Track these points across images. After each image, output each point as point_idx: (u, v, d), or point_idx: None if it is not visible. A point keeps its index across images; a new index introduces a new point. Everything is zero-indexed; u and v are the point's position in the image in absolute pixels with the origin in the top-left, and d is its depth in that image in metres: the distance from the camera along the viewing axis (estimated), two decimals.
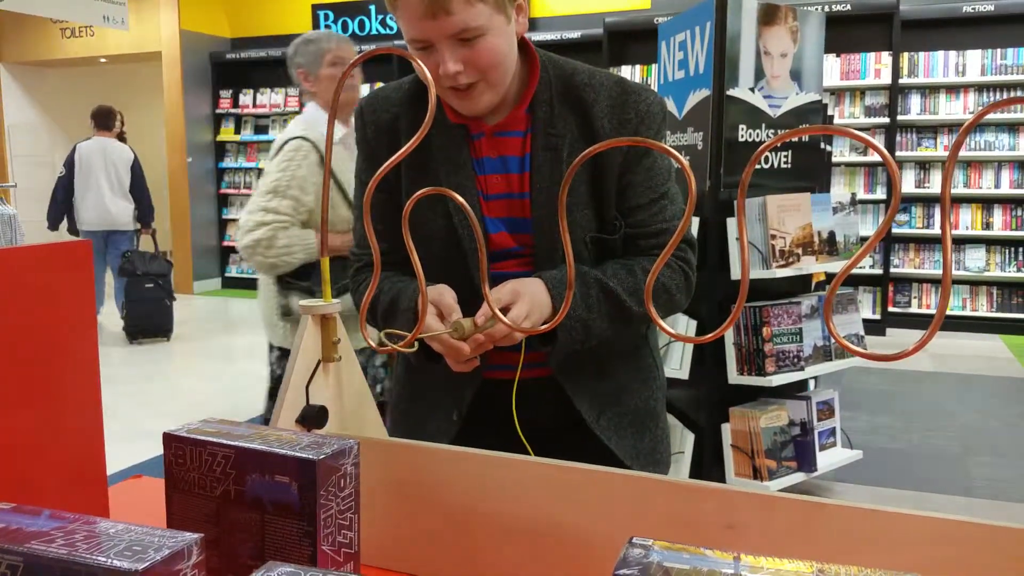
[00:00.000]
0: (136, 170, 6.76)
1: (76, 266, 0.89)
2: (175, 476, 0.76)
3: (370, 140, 1.34)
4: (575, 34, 7.58)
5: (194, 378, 5.93)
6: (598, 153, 1.27)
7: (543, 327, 0.96)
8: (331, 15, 8.71)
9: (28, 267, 0.85)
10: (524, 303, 1.15)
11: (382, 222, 1.31)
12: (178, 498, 0.76)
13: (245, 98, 9.22)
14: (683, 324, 3.01)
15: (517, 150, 1.28)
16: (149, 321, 6.71)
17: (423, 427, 1.37)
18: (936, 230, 6.81)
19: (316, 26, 8.73)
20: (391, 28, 8.45)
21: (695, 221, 2.94)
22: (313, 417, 0.96)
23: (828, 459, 3.05)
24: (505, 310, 1.14)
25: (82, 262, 0.89)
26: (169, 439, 0.76)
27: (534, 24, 7.98)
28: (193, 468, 0.75)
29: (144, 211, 6.81)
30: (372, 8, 8.53)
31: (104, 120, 6.63)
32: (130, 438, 3.84)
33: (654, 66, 7.20)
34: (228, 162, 9.46)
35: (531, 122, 1.27)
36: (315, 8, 8.75)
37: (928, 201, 6.85)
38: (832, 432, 3.12)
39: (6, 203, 6.06)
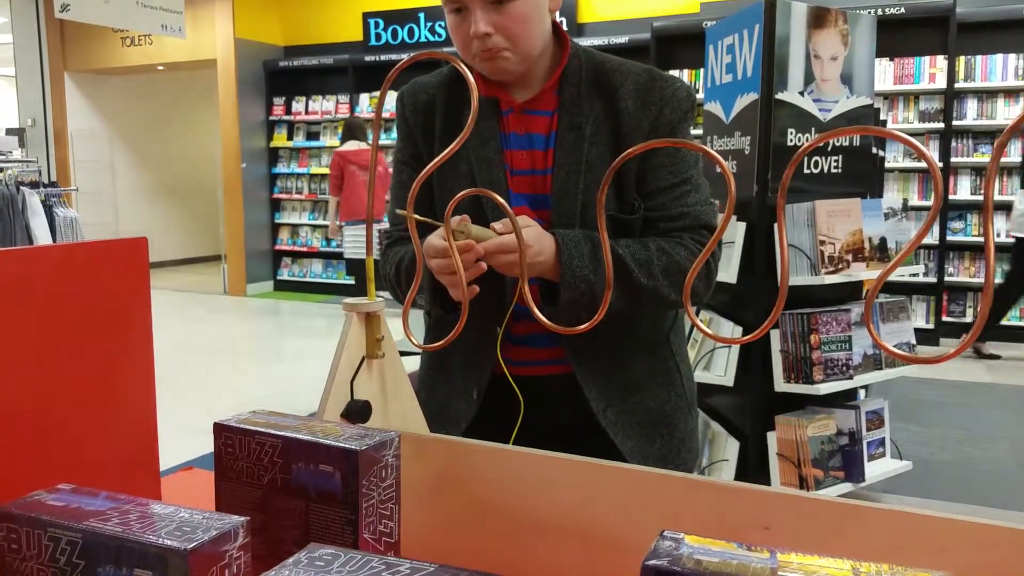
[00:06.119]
0: None
1: (133, 262, 0.93)
2: (224, 464, 0.79)
3: (408, 119, 1.40)
4: (623, 39, 7.56)
5: (244, 378, 6.06)
6: (620, 134, 1.29)
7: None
8: (381, 23, 8.83)
9: (88, 262, 0.89)
10: (531, 236, 1.17)
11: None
12: (226, 485, 0.79)
13: (297, 105, 9.39)
14: (728, 330, 2.99)
15: (544, 129, 1.32)
16: None
17: (445, 408, 1.39)
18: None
19: (367, 34, 8.86)
20: (440, 35, 8.54)
21: (741, 227, 2.92)
22: (357, 412, 0.99)
23: (877, 469, 3.00)
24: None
25: (139, 258, 0.93)
26: (220, 429, 0.79)
27: (581, 30, 7.99)
28: (242, 457, 0.78)
29: None
30: (421, 16, 8.62)
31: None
32: (181, 435, 3.93)
33: (701, 71, 7.16)
34: (281, 168, 9.64)
35: (559, 103, 1.31)
36: (366, 16, 8.88)
37: None
38: (881, 442, 3.06)
39: (68, 206, 6.26)
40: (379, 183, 7.38)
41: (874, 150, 3.97)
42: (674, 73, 7.43)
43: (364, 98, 8.99)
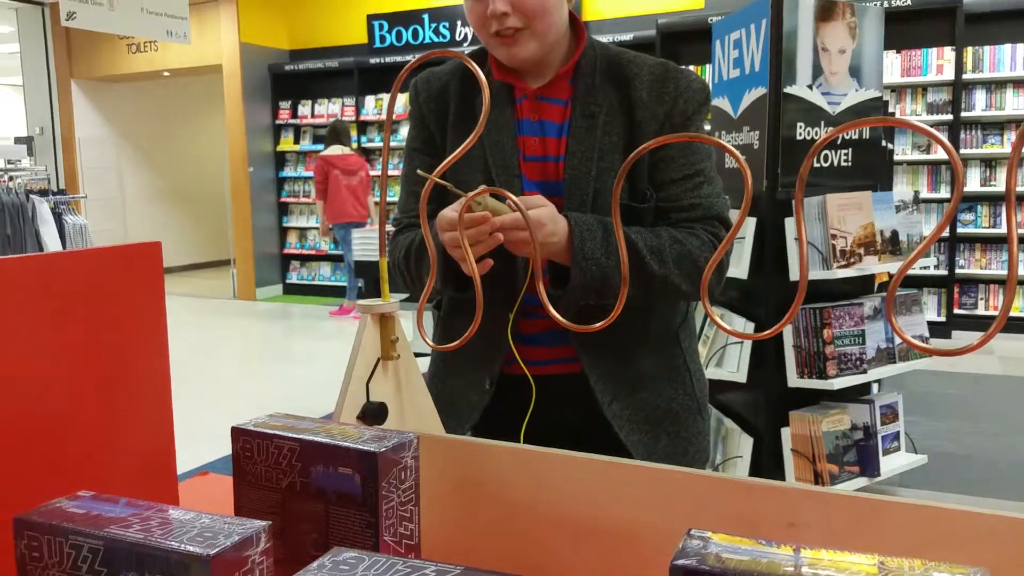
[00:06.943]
0: None
1: (147, 266, 0.93)
2: (242, 468, 0.79)
3: (421, 105, 1.40)
4: (627, 36, 7.55)
5: (255, 382, 6.07)
6: (633, 123, 1.29)
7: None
8: (386, 25, 8.83)
9: (101, 268, 0.89)
10: (545, 215, 1.16)
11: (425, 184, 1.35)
12: (245, 490, 0.79)
13: (304, 109, 9.40)
14: (740, 326, 2.98)
15: (557, 117, 1.32)
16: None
17: (457, 400, 1.39)
18: (1003, 229, 6.60)
19: (372, 37, 8.87)
20: (444, 36, 8.53)
21: (751, 222, 2.91)
22: (373, 413, 0.98)
23: (892, 464, 2.98)
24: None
25: (153, 262, 0.93)
26: (237, 433, 0.79)
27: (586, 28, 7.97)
28: (260, 461, 0.77)
29: None
30: (425, 17, 8.62)
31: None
32: (194, 439, 3.94)
33: (708, 67, 7.13)
34: (288, 171, 9.65)
35: (573, 91, 1.32)
36: (370, 19, 8.88)
37: (994, 200, 6.63)
38: (896, 436, 3.04)
39: (77, 213, 6.28)
40: (361, 189, 7.47)
41: (884, 143, 3.95)
42: None
43: (370, 100, 8.99)
